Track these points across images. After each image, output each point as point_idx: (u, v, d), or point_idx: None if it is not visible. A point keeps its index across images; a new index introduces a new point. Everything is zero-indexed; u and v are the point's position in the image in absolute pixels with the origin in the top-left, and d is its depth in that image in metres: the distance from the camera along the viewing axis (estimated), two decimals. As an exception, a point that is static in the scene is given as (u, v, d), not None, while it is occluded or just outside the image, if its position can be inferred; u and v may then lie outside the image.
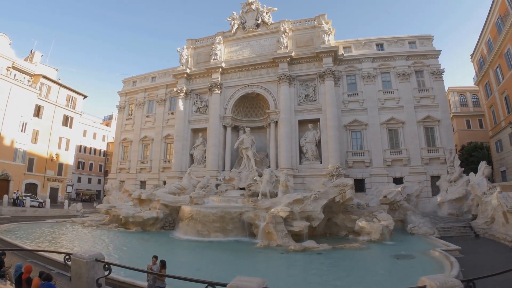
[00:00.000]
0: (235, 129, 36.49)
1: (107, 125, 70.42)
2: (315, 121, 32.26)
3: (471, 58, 37.62)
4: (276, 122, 33.36)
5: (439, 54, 31.04)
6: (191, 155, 36.99)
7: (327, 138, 30.80)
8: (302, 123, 32.67)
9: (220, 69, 35.99)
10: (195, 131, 37.48)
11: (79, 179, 56.20)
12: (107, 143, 66.35)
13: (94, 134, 63.25)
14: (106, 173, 63.25)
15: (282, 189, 25.80)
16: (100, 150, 64.72)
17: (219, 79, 35.98)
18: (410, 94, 31.11)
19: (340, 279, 11.33)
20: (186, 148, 36.91)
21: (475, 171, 27.17)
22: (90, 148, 61.73)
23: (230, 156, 34.78)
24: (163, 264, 8.43)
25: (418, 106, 30.76)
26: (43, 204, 32.41)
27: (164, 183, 37.65)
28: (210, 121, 35.75)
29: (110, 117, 73.01)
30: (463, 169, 27.54)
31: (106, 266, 5.25)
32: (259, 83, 34.99)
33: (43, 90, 38.48)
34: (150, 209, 26.28)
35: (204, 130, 36.73)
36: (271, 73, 34.53)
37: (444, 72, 30.43)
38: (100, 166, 64.20)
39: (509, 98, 28.07)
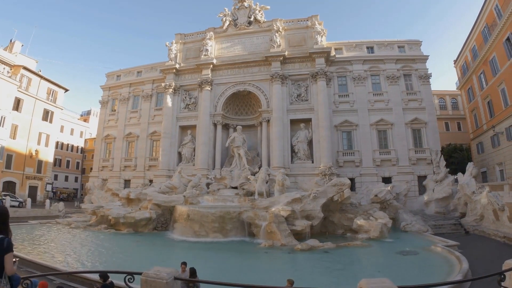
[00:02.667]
0: (225, 127, 35.90)
1: (85, 120, 66.69)
2: (307, 121, 32.46)
3: (454, 63, 39.62)
4: (268, 121, 33.18)
5: (427, 59, 32.35)
6: (179, 153, 35.96)
7: (319, 137, 31.09)
8: (293, 122, 32.76)
9: (211, 66, 35.22)
10: (184, 128, 36.47)
11: (55, 177, 52.71)
12: (85, 140, 62.88)
13: (72, 130, 59.59)
14: (83, 171, 60.08)
15: (278, 188, 25.75)
16: (78, 146, 61.10)
17: (209, 75, 35.21)
18: (399, 97, 32.17)
19: (373, 276, 11.40)
20: (174, 146, 35.81)
21: (456, 172, 28.72)
22: (68, 144, 58.06)
23: (220, 155, 34.19)
24: (192, 273, 7.88)
25: (406, 108, 31.87)
26: (24, 204, 29.99)
27: (150, 181, 36.38)
28: (200, 119, 34.92)
29: (88, 113, 69.25)
30: (448, 169, 28.87)
31: (191, 285, 4.52)
32: (251, 81, 34.64)
33: (24, 82, 35.34)
34: (140, 209, 25.28)
35: (193, 127, 35.82)
36: (263, 71, 34.30)
37: (431, 76, 31.79)
38: (77, 163, 60.64)
39: (492, 103, 29.87)
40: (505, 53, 25.84)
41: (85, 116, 69.38)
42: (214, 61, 35.03)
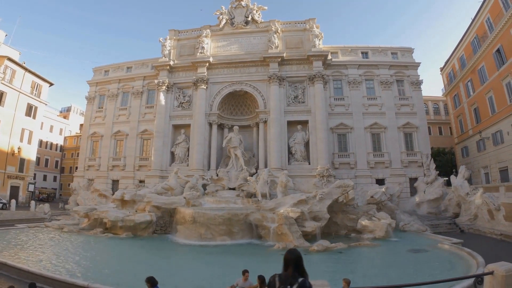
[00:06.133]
0: (220, 127, 35.35)
1: (64, 117, 62.67)
2: (304, 123, 32.70)
3: (441, 71, 41.83)
4: (265, 122, 33.08)
5: (419, 66, 33.90)
6: (172, 153, 34.93)
7: (316, 139, 31.47)
8: (290, 124, 32.87)
9: (207, 64, 34.57)
10: (177, 128, 35.45)
11: (33, 176, 49.34)
12: (65, 137, 59.20)
13: (51, 127, 55.73)
14: (62, 170, 56.61)
15: (281, 189, 25.77)
16: (57, 144, 57.39)
17: (205, 74, 34.52)
18: (392, 102, 33.35)
19: (406, 274, 11.65)
20: (167, 145, 34.70)
21: (439, 175, 30.24)
22: (47, 142, 54.21)
23: (216, 155, 33.64)
24: (262, 281, 7.31)
25: (399, 113, 33.10)
26: (8, 205, 27.52)
27: (140, 182, 35.09)
28: (194, 118, 34.14)
29: (68, 109, 65.22)
30: (438, 172, 30.34)
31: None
32: (248, 81, 34.38)
33: (7, 74, 32.38)
34: (136, 211, 24.33)
35: (186, 126, 34.94)
36: (261, 72, 34.19)
37: (422, 82, 33.29)
38: (56, 162, 57.03)
39: (478, 110, 31.85)
40: (495, 63, 27.72)
41: (65, 112, 65.27)
42: (211, 59, 34.39)
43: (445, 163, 37.83)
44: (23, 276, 10.70)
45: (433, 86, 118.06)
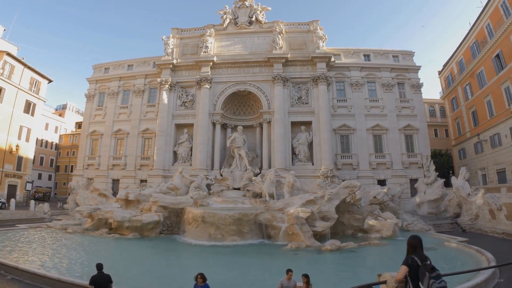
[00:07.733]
0: (223, 127, 35.34)
1: (60, 115, 61.35)
2: (307, 123, 33.01)
3: (439, 74, 42.86)
4: (269, 122, 33.24)
5: (419, 69, 34.65)
6: (175, 152, 34.74)
7: (320, 140, 31.80)
8: (293, 124, 33.12)
9: (211, 63, 34.51)
10: (179, 127, 35.25)
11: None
12: (60, 136, 57.92)
13: (47, 125, 54.40)
14: (57, 169, 55.36)
15: (288, 189, 25.99)
16: (52, 142, 56.14)
17: (209, 73, 34.43)
18: (393, 104, 33.99)
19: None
20: (169, 145, 34.47)
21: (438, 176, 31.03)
22: (42, 140, 52.84)
23: (219, 155, 33.62)
24: (307, 279, 7.42)
25: (400, 115, 33.76)
26: (7, 204, 26.70)
27: (141, 181, 34.74)
28: (198, 117, 34.01)
29: (64, 107, 63.78)
30: (437, 173, 31.10)
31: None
32: (252, 81, 34.47)
33: (6, 70, 31.41)
34: (141, 211, 24.19)
35: (189, 126, 34.78)
36: (264, 72, 34.33)
37: (423, 85, 34.05)
38: (51, 160, 55.75)
39: (476, 113, 32.81)
40: (494, 68, 28.65)
41: (61, 110, 63.85)
42: (215, 58, 34.33)
43: (442, 164, 38.74)
44: (39, 281, 10.32)
45: (429, 88, 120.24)
